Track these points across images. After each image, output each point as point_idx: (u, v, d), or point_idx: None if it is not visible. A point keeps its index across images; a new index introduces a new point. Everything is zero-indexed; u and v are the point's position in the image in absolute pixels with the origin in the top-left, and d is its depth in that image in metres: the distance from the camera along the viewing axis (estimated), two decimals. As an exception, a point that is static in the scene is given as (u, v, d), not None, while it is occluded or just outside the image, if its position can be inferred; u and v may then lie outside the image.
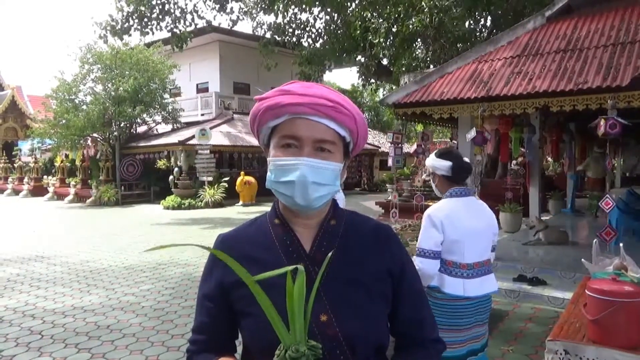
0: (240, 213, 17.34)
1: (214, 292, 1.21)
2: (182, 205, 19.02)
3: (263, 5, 17.86)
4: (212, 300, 1.21)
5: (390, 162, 8.40)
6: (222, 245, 1.25)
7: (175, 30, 16.33)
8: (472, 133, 6.70)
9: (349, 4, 16.46)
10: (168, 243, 11.00)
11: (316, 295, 1.08)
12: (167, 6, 16.03)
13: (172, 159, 21.09)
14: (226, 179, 20.53)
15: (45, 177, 26.37)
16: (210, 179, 19.89)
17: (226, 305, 1.19)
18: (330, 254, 1.09)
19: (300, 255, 1.17)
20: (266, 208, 12.85)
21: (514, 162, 13.49)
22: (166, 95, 24.14)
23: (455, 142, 9.41)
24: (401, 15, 14.13)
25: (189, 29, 16.69)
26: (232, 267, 0.98)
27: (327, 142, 1.14)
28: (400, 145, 8.37)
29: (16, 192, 26.69)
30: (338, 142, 1.17)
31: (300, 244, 1.19)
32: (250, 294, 0.99)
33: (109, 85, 22.46)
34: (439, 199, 2.89)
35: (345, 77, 59.25)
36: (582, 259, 3.03)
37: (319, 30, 18.00)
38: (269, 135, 1.20)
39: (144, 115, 23.09)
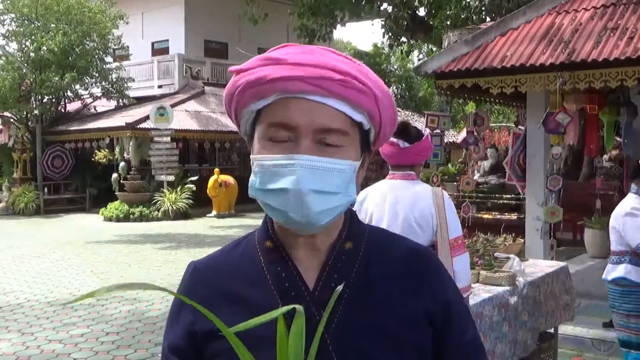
0: (214, 227, 17.39)
1: (182, 343, 1.21)
2: (131, 216, 19.10)
3: None
4: (180, 354, 1.22)
5: (427, 156, 8.39)
6: (194, 277, 1.26)
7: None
8: (567, 116, 6.68)
9: None
10: (109, 270, 11.12)
11: (321, 349, 1.07)
12: None
13: (117, 150, 21.19)
14: (194, 178, 20.58)
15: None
16: (172, 178, 19.96)
17: None
18: (339, 288, 1.07)
19: (300, 294, 1.17)
20: (249, 221, 12.80)
21: (605, 156, 13.45)
22: (108, 59, 24.20)
23: (522, 127, 9.41)
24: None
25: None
26: (203, 312, 0.98)
27: (334, 131, 1.12)
28: (440, 132, 8.36)
29: None
30: (352, 131, 1.15)
31: (301, 278, 1.18)
32: (231, 348, 0.99)
33: (27, 43, 22.54)
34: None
35: (364, 34, 59.49)
36: None
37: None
38: (254, 120, 1.19)
39: (77, 87, 23.15)
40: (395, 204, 3.35)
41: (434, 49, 18.34)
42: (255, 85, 1.12)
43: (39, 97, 22.70)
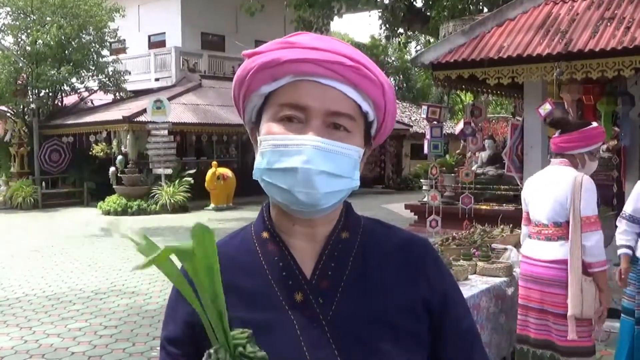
0: (212, 220, 17.38)
1: (180, 334, 1.22)
2: (129, 210, 19.09)
3: None
4: (179, 345, 1.23)
5: (426, 148, 8.39)
6: None
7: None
8: (548, 106, 6.68)
9: None
10: (107, 264, 11.13)
11: (319, 337, 1.10)
12: None
13: (114, 143, 21.18)
14: (191, 171, 20.56)
15: None
16: (169, 171, 19.94)
17: (198, 353, 1.20)
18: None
19: (297, 282, 1.19)
20: (247, 213, 12.74)
21: (603, 147, 13.44)
22: (105, 52, 24.14)
23: (519, 118, 9.40)
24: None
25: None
26: (182, 292, 0.99)
27: (343, 115, 1.14)
28: (439, 123, 8.36)
29: None
30: (359, 119, 1.18)
31: (298, 267, 1.20)
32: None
33: (23, 36, 22.47)
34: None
35: (361, 26, 59.47)
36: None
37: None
38: (261, 107, 1.20)
39: (73, 80, 23.11)
40: (546, 187, 3.99)
41: (431, 40, 18.31)
42: (270, 66, 1.14)
43: (36, 91, 22.67)
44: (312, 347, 1.12)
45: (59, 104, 24.34)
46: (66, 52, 22.31)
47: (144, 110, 20.41)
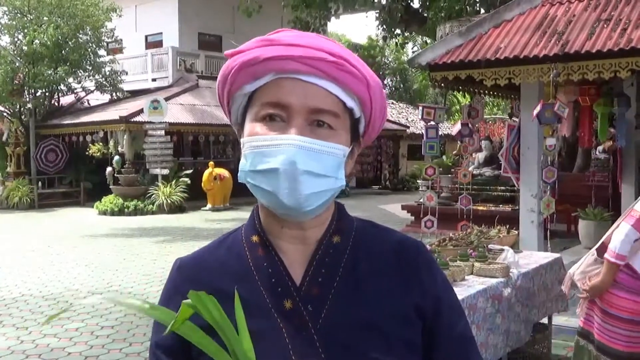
0: (209, 221, 17.38)
1: (170, 342, 1.19)
2: (126, 209, 19.09)
3: None
4: (168, 352, 1.21)
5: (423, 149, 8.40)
6: (181, 274, 1.26)
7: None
8: (539, 107, 6.69)
9: None
10: (104, 264, 11.12)
11: (309, 345, 1.09)
12: None
13: (111, 143, 21.16)
14: (188, 172, 20.56)
15: None
16: (166, 171, 19.94)
17: None
18: None
19: (286, 289, 1.16)
20: (244, 214, 12.72)
21: (599, 148, 13.47)
22: (102, 52, 24.12)
23: (516, 119, 9.42)
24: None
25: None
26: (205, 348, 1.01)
27: (326, 113, 1.12)
28: (435, 124, 8.36)
29: None
30: (343, 116, 1.15)
31: (288, 273, 1.17)
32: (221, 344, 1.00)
33: (20, 36, 22.44)
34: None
35: (358, 27, 59.35)
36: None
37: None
38: (245, 106, 1.18)
39: (70, 80, 23.08)
40: None
41: (429, 41, 18.35)
42: (251, 64, 1.13)
43: (32, 91, 22.64)
44: (300, 355, 1.10)
45: (56, 103, 24.31)
46: (63, 52, 22.29)
47: (141, 111, 20.40)
